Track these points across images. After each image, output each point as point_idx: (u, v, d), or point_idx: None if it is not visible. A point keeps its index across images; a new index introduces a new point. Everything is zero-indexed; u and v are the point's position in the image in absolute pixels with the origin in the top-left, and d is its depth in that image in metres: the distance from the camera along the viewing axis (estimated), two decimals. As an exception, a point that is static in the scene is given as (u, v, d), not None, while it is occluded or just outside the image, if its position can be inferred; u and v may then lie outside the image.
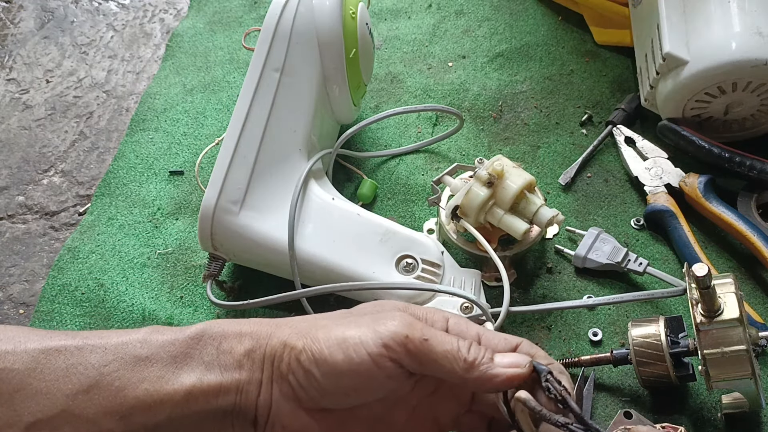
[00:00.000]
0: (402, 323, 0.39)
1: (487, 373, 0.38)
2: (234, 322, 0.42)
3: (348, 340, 0.38)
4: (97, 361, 0.39)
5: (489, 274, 0.61)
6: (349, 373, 0.38)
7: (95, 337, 0.40)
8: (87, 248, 0.68)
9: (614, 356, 0.54)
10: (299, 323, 0.41)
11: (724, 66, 0.60)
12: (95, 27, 0.89)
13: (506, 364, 0.38)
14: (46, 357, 0.39)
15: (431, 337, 0.38)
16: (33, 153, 0.77)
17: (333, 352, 0.38)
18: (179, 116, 0.78)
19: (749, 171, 0.63)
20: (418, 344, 0.38)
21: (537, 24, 0.83)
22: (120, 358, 0.39)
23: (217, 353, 0.40)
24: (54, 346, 0.39)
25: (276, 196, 0.59)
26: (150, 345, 0.40)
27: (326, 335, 0.39)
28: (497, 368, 0.38)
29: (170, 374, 0.39)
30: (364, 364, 0.38)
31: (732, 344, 0.47)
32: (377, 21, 0.85)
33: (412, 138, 0.74)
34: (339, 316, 0.42)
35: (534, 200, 0.58)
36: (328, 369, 0.38)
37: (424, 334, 0.38)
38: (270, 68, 0.61)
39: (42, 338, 0.40)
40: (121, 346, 0.40)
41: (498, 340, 0.41)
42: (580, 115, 0.74)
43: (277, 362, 0.40)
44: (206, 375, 0.39)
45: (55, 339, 0.40)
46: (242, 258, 0.61)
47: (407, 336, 0.38)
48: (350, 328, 0.39)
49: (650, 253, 0.64)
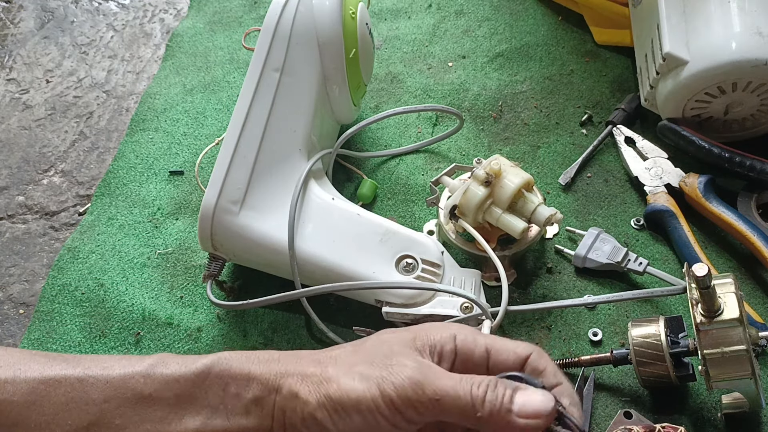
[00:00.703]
0: (410, 382, 0.38)
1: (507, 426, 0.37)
2: (242, 359, 0.41)
3: (362, 402, 0.38)
4: (98, 396, 0.38)
5: (489, 274, 0.61)
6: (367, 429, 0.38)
7: (97, 368, 0.39)
8: (87, 248, 0.68)
9: (614, 356, 0.54)
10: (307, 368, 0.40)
11: (724, 66, 0.60)
12: (95, 27, 0.89)
13: (528, 414, 0.37)
14: (46, 389, 0.38)
15: (443, 397, 0.38)
16: (33, 153, 0.77)
17: (349, 414, 0.38)
18: (179, 116, 0.78)
19: (749, 171, 0.63)
20: (430, 405, 0.38)
21: (537, 24, 0.83)
22: (121, 394, 0.38)
23: (224, 396, 0.39)
24: (54, 377, 0.39)
25: (276, 196, 0.59)
26: (153, 381, 0.39)
27: (340, 393, 0.38)
28: (517, 423, 0.37)
29: (173, 416, 0.38)
30: (378, 423, 0.38)
31: (732, 344, 0.47)
32: (377, 21, 0.85)
33: (412, 138, 0.74)
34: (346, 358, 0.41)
35: (532, 199, 0.58)
36: (345, 426, 0.38)
37: (435, 393, 0.38)
38: (270, 68, 0.61)
39: (43, 366, 0.39)
40: (123, 380, 0.39)
41: (508, 354, 0.41)
42: (580, 115, 0.74)
43: (290, 413, 0.39)
44: (211, 419, 0.39)
45: (56, 367, 0.39)
46: (242, 258, 0.61)
47: (418, 401, 0.38)
48: (362, 381, 0.39)
49: (650, 253, 0.64)
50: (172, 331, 0.62)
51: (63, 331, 0.63)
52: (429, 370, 0.39)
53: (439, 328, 0.42)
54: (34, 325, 0.63)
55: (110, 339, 0.62)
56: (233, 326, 0.62)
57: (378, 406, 0.38)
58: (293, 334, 0.61)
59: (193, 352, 0.61)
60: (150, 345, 0.61)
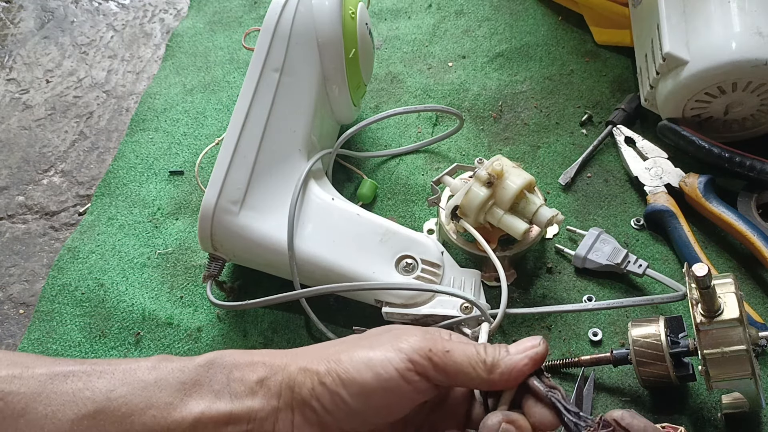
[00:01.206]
0: (422, 338, 0.39)
1: (510, 365, 0.39)
2: (245, 352, 0.41)
3: (373, 359, 0.38)
4: (104, 386, 0.39)
5: (489, 274, 0.61)
6: (379, 390, 0.38)
7: (103, 364, 0.40)
8: (87, 248, 0.68)
9: (614, 356, 0.54)
10: (315, 351, 0.41)
11: (724, 66, 0.60)
12: (95, 27, 0.89)
13: (522, 349, 0.40)
14: (53, 381, 0.39)
15: (452, 348, 0.39)
16: (33, 153, 0.77)
17: (361, 372, 0.38)
18: (179, 116, 0.78)
19: (749, 171, 0.63)
20: (442, 356, 0.39)
21: (537, 24, 0.83)
22: (128, 383, 0.39)
23: (228, 381, 0.40)
24: (61, 371, 0.39)
25: (276, 196, 0.59)
26: (158, 370, 0.40)
27: (349, 357, 0.39)
28: (516, 356, 0.39)
29: (178, 401, 0.39)
30: (393, 380, 0.38)
31: (732, 344, 0.47)
32: (377, 21, 0.85)
33: (412, 138, 0.74)
34: (355, 341, 0.42)
35: (534, 200, 0.58)
36: (358, 389, 0.38)
37: (446, 346, 0.39)
38: (270, 68, 0.61)
39: (50, 364, 0.40)
40: (129, 371, 0.40)
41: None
42: (580, 115, 0.74)
43: (298, 389, 0.39)
44: (215, 403, 0.39)
45: (63, 364, 0.40)
46: (242, 258, 0.61)
47: (431, 349, 0.39)
48: (372, 349, 0.39)
49: (650, 253, 0.63)
50: (172, 331, 0.62)
51: (63, 331, 0.63)
52: (436, 336, 0.40)
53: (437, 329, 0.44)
54: (34, 325, 0.63)
55: (110, 339, 0.62)
56: (233, 326, 0.62)
57: (391, 359, 0.38)
58: (293, 334, 0.61)
59: (193, 352, 0.61)
60: (150, 345, 0.61)
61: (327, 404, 0.39)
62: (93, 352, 0.61)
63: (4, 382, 0.38)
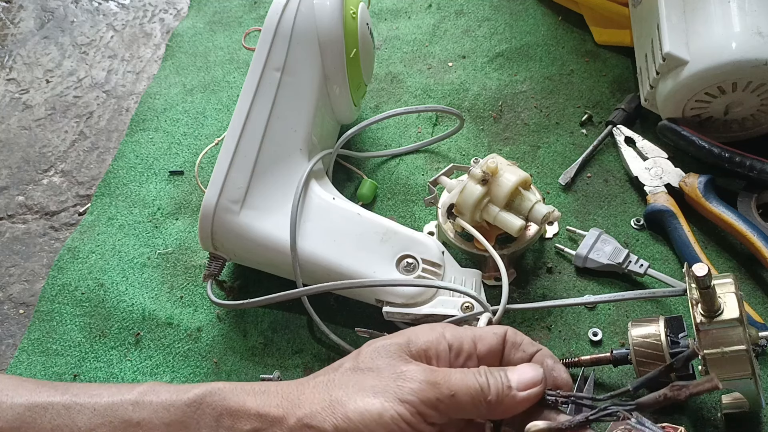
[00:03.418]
0: (427, 385, 0.39)
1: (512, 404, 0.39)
2: (237, 391, 0.40)
3: (384, 415, 0.38)
4: (85, 424, 0.37)
5: (489, 274, 0.61)
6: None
7: (85, 395, 0.39)
8: (87, 248, 0.68)
9: (614, 356, 0.54)
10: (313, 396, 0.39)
11: (724, 66, 0.60)
12: (95, 27, 0.89)
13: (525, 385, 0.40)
14: (32, 415, 0.37)
15: (456, 391, 0.39)
16: (33, 153, 0.77)
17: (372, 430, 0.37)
18: (179, 116, 0.78)
19: (749, 171, 0.63)
20: (447, 401, 0.39)
21: (537, 24, 0.83)
22: (109, 422, 0.37)
23: (217, 427, 0.38)
24: (41, 403, 0.38)
25: (276, 196, 0.59)
26: (143, 409, 0.38)
27: (359, 412, 0.38)
28: (519, 396, 0.40)
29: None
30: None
31: (732, 344, 0.47)
32: (377, 21, 0.85)
33: (412, 138, 0.74)
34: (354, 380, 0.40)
35: (529, 197, 0.58)
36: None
37: (451, 388, 0.39)
38: (271, 68, 0.61)
39: (30, 393, 0.38)
40: (111, 407, 0.38)
41: (490, 337, 0.43)
42: (580, 115, 0.74)
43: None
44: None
45: (44, 394, 0.38)
46: (242, 258, 0.61)
47: (437, 398, 0.38)
48: (377, 396, 0.38)
49: (650, 253, 0.64)
50: (172, 331, 0.62)
51: (63, 331, 0.63)
52: (435, 371, 0.40)
53: (427, 330, 0.43)
54: (34, 325, 0.63)
55: (110, 339, 0.62)
56: (233, 326, 0.62)
57: (402, 414, 0.38)
58: (293, 334, 0.61)
59: (193, 352, 0.61)
60: (150, 345, 0.61)
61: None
62: (93, 352, 0.61)
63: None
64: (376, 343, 0.43)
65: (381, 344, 0.42)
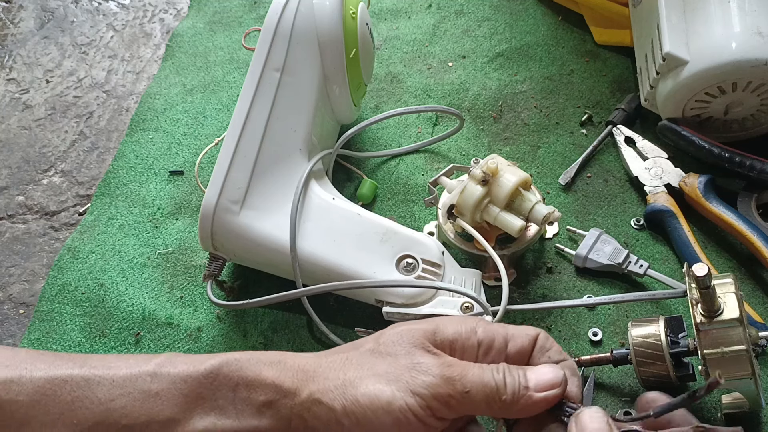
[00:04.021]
0: (441, 380, 0.38)
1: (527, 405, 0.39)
2: (252, 361, 0.40)
3: (393, 404, 0.37)
4: (104, 395, 0.38)
5: (489, 274, 0.61)
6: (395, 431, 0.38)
7: (103, 367, 0.39)
8: (87, 248, 0.68)
9: (614, 356, 0.54)
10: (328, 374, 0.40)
11: (724, 66, 0.60)
12: (95, 27, 0.89)
13: (543, 387, 0.39)
14: (52, 388, 0.38)
15: (471, 389, 0.38)
16: (33, 153, 0.77)
17: (380, 417, 0.37)
18: (179, 116, 0.78)
19: (749, 171, 0.63)
20: (461, 398, 0.38)
21: (537, 24, 0.83)
22: (128, 393, 0.38)
23: (233, 398, 0.38)
24: (60, 376, 0.38)
25: (276, 196, 0.59)
26: (160, 380, 0.38)
27: (368, 397, 0.38)
28: (535, 397, 0.39)
29: (181, 416, 0.38)
30: (411, 424, 0.38)
31: (732, 344, 0.47)
32: (377, 21, 0.85)
33: (412, 138, 0.74)
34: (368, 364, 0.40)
35: (529, 197, 0.58)
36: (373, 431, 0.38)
37: (465, 386, 0.38)
38: (270, 68, 0.61)
39: (48, 366, 0.39)
40: (129, 379, 0.38)
41: (522, 338, 0.42)
42: (580, 115, 0.74)
43: (312, 420, 0.38)
44: (220, 420, 0.38)
45: (62, 367, 0.38)
46: (242, 258, 0.61)
47: (450, 395, 0.38)
48: (389, 384, 0.38)
49: (650, 253, 0.64)
50: (172, 331, 0.62)
51: (63, 331, 0.63)
52: (453, 365, 0.39)
53: (457, 321, 0.42)
54: (34, 325, 0.63)
55: (110, 339, 0.62)
56: (233, 326, 0.62)
57: (411, 406, 0.37)
58: (293, 334, 0.61)
59: (193, 352, 0.61)
60: (150, 345, 0.61)
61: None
62: (93, 352, 0.61)
63: (3, 389, 0.37)
64: (401, 326, 0.42)
65: (405, 328, 0.42)
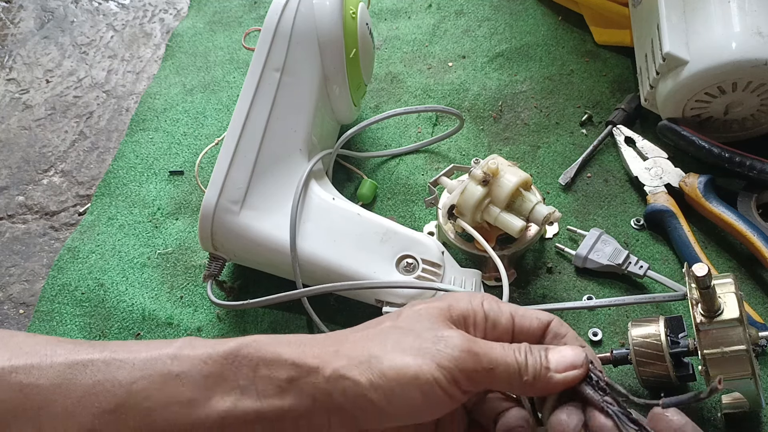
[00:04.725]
0: (466, 353, 0.38)
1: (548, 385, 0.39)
2: (272, 342, 0.40)
3: (420, 377, 0.37)
4: (125, 378, 0.37)
5: (489, 275, 0.61)
6: (424, 406, 0.38)
7: (124, 351, 0.39)
8: (87, 248, 0.68)
9: (614, 356, 0.54)
10: (352, 347, 0.40)
11: (724, 66, 0.60)
12: (95, 27, 0.89)
13: (564, 368, 0.39)
14: (72, 372, 0.37)
15: (496, 366, 0.39)
16: (33, 153, 0.77)
17: (406, 390, 0.37)
18: (179, 116, 0.78)
19: (749, 171, 0.63)
20: (485, 374, 0.38)
21: (537, 24, 0.83)
22: (149, 375, 0.38)
23: (254, 377, 0.38)
24: (80, 360, 0.38)
25: (276, 196, 0.59)
26: (181, 361, 0.38)
27: (395, 370, 0.38)
28: (556, 377, 0.39)
29: (202, 397, 0.37)
30: (437, 397, 0.38)
31: (732, 344, 0.47)
32: (377, 21, 0.85)
33: (412, 138, 0.74)
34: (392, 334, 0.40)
35: (530, 198, 0.58)
36: (404, 405, 0.38)
37: (490, 362, 0.38)
38: (270, 68, 0.61)
39: (69, 351, 0.38)
40: (150, 361, 0.38)
41: (531, 321, 0.42)
42: (580, 115, 0.74)
43: (337, 396, 0.38)
44: (241, 400, 0.38)
45: (82, 352, 0.38)
46: (242, 258, 0.61)
47: (476, 370, 0.38)
48: (414, 356, 0.38)
49: (650, 253, 0.64)
50: (172, 331, 0.62)
51: (63, 331, 0.63)
52: (476, 341, 0.39)
53: (466, 297, 0.43)
54: (34, 325, 0.63)
55: (110, 339, 0.62)
56: (233, 326, 0.62)
57: (437, 379, 0.38)
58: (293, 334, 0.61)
59: (193, 352, 0.61)
60: (150, 345, 0.61)
61: (369, 414, 0.38)
62: (93, 352, 0.61)
63: (23, 373, 0.37)
64: (417, 305, 0.43)
65: (422, 307, 0.42)
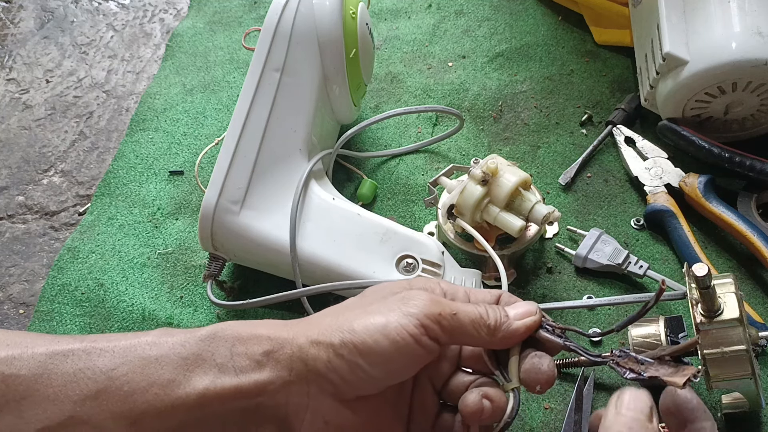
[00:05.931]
0: (430, 302, 0.40)
1: (509, 331, 0.42)
2: (247, 324, 0.41)
3: (388, 326, 0.39)
4: (105, 365, 0.38)
5: (489, 274, 0.61)
6: (395, 355, 0.39)
7: (103, 341, 0.40)
8: (87, 248, 0.68)
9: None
10: (322, 320, 0.41)
11: (724, 66, 0.60)
12: (95, 27, 0.89)
13: (521, 315, 0.42)
14: (53, 362, 0.38)
15: (459, 311, 0.41)
16: (33, 153, 0.77)
17: (377, 341, 0.39)
18: (179, 116, 0.78)
19: (749, 171, 0.63)
20: (450, 319, 0.40)
21: (537, 24, 0.83)
22: (129, 361, 0.39)
23: (231, 354, 0.39)
24: (61, 350, 0.39)
25: (276, 196, 0.59)
26: (159, 346, 0.39)
27: (363, 326, 0.39)
28: (515, 323, 0.42)
29: (181, 377, 0.38)
30: (408, 346, 0.39)
31: (732, 344, 0.47)
32: (377, 21, 0.85)
33: (412, 138, 0.74)
34: (360, 306, 0.42)
35: (529, 197, 0.58)
36: (375, 357, 0.39)
37: (452, 308, 0.41)
38: (270, 68, 0.61)
39: (49, 342, 0.39)
40: (129, 348, 0.39)
41: (484, 294, 0.45)
42: (580, 115, 0.74)
43: (312, 362, 0.39)
44: (220, 378, 0.39)
45: (63, 343, 0.39)
46: (242, 258, 0.61)
47: (440, 313, 0.40)
48: (383, 314, 0.40)
49: (650, 253, 0.64)
50: (172, 331, 0.62)
51: (63, 331, 0.63)
52: (441, 299, 0.42)
53: (422, 280, 0.46)
54: (34, 325, 0.63)
55: (110, 339, 0.62)
56: (233, 326, 0.62)
57: (405, 325, 0.39)
58: (293, 334, 0.61)
59: (193, 352, 0.61)
60: (150, 345, 0.61)
61: (345, 375, 0.39)
62: (93, 352, 0.61)
63: (5, 364, 0.38)
64: (379, 285, 0.45)
65: (386, 283, 0.45)
